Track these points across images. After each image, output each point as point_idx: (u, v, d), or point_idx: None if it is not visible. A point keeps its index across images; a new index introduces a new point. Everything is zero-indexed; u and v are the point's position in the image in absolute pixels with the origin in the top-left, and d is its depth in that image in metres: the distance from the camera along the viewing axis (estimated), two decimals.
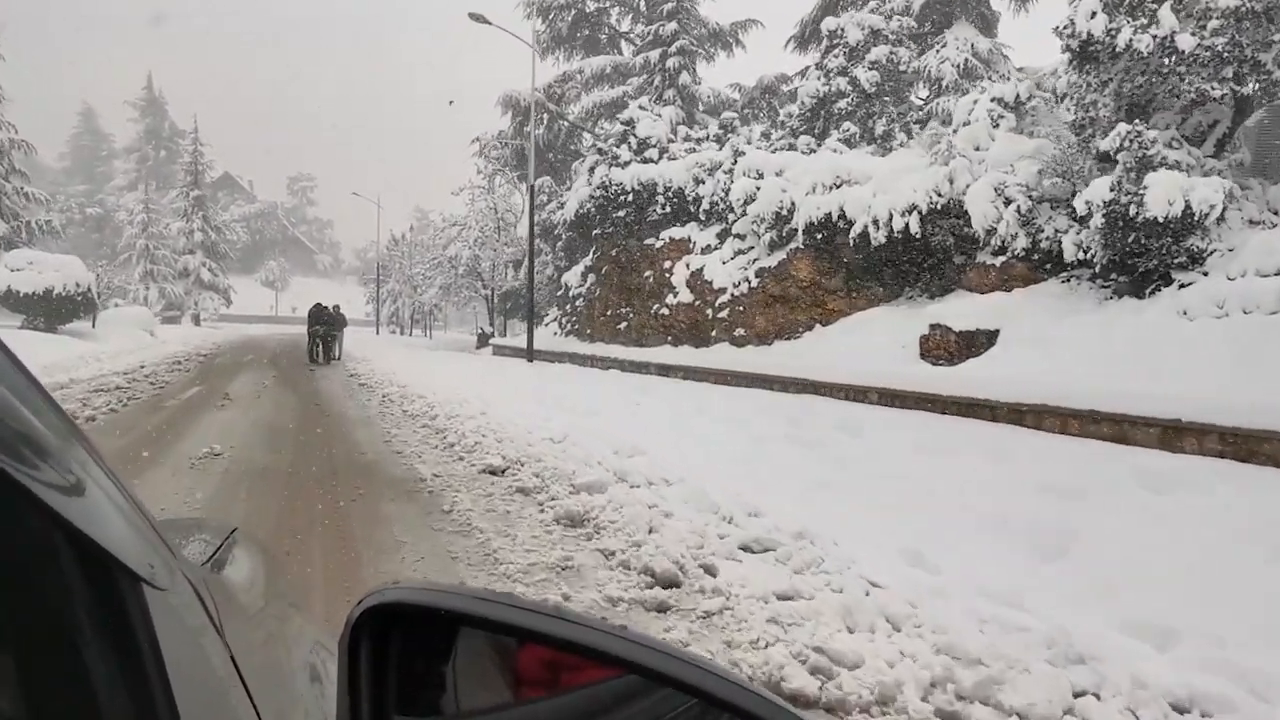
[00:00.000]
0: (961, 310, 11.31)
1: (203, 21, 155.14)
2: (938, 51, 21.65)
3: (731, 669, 2.79)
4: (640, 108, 20.09)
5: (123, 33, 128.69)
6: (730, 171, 16.65)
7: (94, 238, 62.25)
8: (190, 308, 44.65)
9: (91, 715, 0.44)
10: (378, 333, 46.11)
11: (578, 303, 22.68)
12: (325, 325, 20.94)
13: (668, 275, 17.84)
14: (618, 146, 19.38)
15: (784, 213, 14.43)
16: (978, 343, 10.83)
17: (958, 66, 21.50)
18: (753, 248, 15.67)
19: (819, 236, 14.05)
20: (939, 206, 12.35)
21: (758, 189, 15.35)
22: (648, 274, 18.59)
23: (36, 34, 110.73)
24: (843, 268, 13.94)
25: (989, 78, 21.22)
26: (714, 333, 16.04)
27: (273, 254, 78.16)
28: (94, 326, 23.85)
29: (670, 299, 17.53)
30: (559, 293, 24.84)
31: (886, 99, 19.05)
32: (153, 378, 14.37)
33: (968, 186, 12.18)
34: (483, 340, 29.29)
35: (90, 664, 0.44)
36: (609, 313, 20.21)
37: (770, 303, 14.82)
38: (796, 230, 14.29)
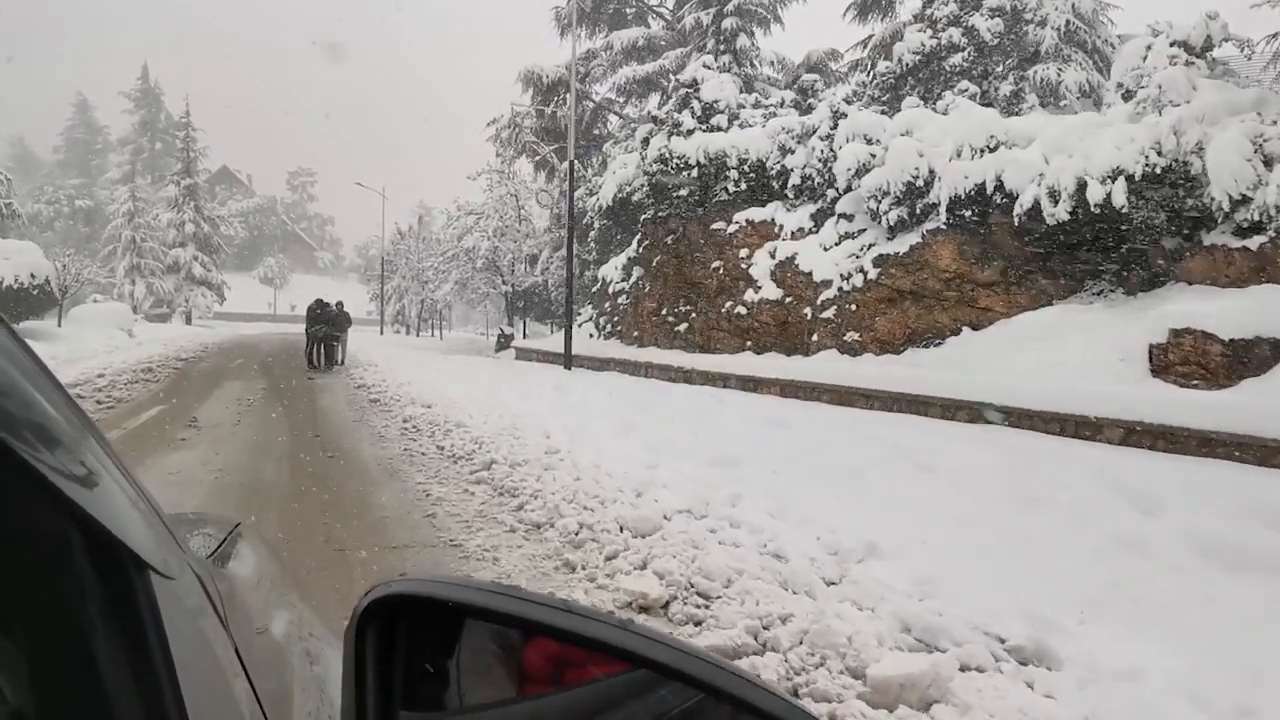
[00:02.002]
0: (1217, 310, 8.11)
1: (202, 14, 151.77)
2: (1034, 12, 18.75)
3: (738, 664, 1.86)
4: (705, 66, 16.83)
5: (120, 25, 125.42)
6: (828, 138, 13.45)
7: (83, 230, 59.91)
8: (181, 305, 41.41)
9: (99, 701, 0.44)
10: (382, 333, 42.90)
11: (619, 300, 19.45)
12: (326, 325, 17.76)
13: (744, 266, 14.61)
14: (679, 112, 16.13)
15: (919, 184, 11.22)
16: (1256, 356, 7.64)
17: (1058, 29, 18.54)
18: (865, 230, 12.46)
19: (966, 214, 10.87)
20: (1156, 170, 9.17)
21: (873, 156, 12.17)
22: (716, 265, 15.36)
23: (31, 24, 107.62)
24: (999, 255, 10.75)
25: (1095, 43, 18.31)
26: (814, 337, 12.81)
27: (271, 250, 75.29)
28: (60, 325, 20.69)
29: (749, 295, 14.29)
30: (594, 289, 21.64)
31: (1008, 54, 15.93)
32: (106, 392, 11.20)
33: (1199, 143, 9.01)
34: (503, 342, 26.00)
35: (97, 650, 0.44)
36: (663, 311, 16.98)
37: (895, 299, 11.59)
38: (935, 206, 11.09)
